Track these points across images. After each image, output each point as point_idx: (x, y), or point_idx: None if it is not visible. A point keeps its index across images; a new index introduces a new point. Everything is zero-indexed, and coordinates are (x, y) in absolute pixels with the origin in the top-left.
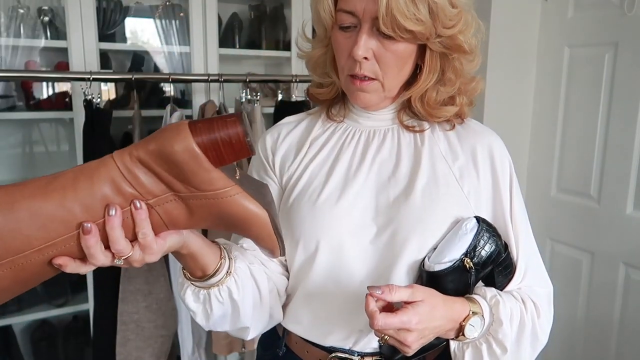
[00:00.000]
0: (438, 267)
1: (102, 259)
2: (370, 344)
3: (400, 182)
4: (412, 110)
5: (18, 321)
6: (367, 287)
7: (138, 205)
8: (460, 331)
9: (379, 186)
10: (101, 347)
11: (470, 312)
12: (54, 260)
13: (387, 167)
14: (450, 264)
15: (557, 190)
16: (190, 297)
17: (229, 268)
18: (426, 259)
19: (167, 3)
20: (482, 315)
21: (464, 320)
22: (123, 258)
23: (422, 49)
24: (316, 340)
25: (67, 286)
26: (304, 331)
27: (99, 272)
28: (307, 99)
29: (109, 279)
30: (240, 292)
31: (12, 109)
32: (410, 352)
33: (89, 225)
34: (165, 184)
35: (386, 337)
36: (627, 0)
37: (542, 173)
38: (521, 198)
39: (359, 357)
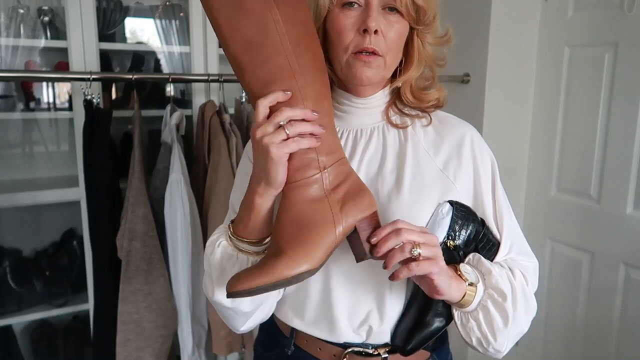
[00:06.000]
0: None
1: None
2: (382, 336)
3: (388, 179)
4: (401, 102)
5: (18, 321)
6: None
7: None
8: (463, 286)
9: (367, 184)
10: (101, 347)
11: (457, 266)
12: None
13: (374, 165)
14: None
15: (557, 190)
16: (219, 251)
17: None
18: None
19: (167, 3)
20: (468, 264)
21: (457, 271)
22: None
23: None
24: (323, 337)
25: (67, 286)
26: (306, 327)
27: (99, 272)
28: None
29: (109, 279)
30: None
31: (12, 109)
32: (438, 275)
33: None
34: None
35: (414, 249)
36: (627, 0)
37: (542, 173)
38: (500, 183)
39: (373, 349)
